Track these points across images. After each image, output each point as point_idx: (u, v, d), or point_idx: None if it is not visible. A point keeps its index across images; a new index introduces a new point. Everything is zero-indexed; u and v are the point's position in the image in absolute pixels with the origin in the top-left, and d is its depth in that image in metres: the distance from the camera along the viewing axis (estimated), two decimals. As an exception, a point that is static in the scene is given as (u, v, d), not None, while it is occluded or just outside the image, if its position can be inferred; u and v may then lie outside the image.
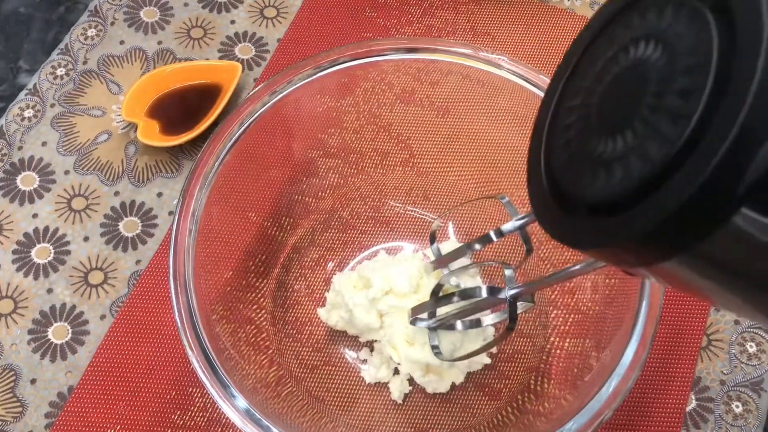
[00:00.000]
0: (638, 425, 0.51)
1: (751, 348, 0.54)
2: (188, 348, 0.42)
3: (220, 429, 0.51)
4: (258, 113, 0.49)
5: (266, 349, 0.51)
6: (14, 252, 0.57)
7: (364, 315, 0.48)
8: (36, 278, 0.56)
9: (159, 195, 0.59)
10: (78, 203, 0.59)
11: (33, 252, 0.57)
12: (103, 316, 0.55)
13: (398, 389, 0.50)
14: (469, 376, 0.51)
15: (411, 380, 0.51)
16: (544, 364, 0.51)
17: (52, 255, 0.57)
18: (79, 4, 1.35)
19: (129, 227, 0.58)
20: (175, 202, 0.55)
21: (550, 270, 0.54)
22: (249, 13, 0.68)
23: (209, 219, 0.47)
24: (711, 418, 0.52)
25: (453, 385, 0.50)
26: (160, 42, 0.67)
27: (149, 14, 0.68)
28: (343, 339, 0.53)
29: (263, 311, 0.53)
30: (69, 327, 0.54)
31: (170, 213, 0.59)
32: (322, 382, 0.52)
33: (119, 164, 0.61)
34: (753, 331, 0.55)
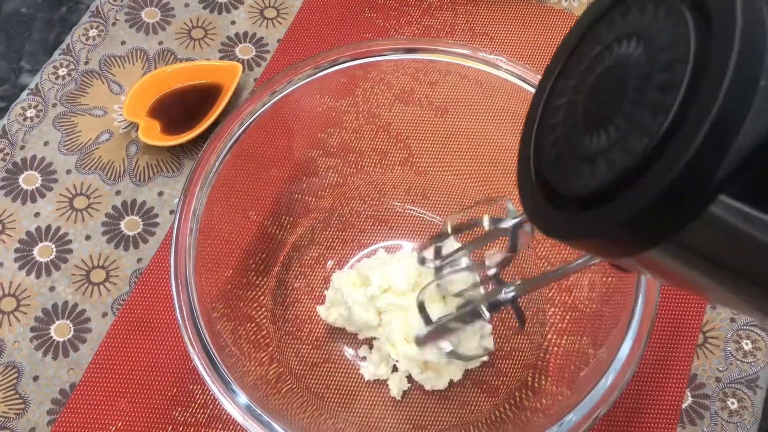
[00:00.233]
0: (634, 422, 0.52)
1: (747, 345, 0.55)
2: (189, 345, 0.43)
3: (221, 425, 0.51)
4: (258, 113, 0.49)
5: (266, 347, 0.52)
6: (16, 250, 0.57)
7: (363, 312, 0.49)
8: (38, 276, 0.56)
9: (160, 194, 0.60)
10: (80, 202, 0.59)
11: (35, 250, 0.57)
12: (105, 314, 0.55)
13: (397, 386, 0.51)
14: (467, 374, 0.52)
15: (410, 377, 0.51)
16: (542, 361, 0.51)
17: (54, 253, 0.57)
18: (81, 5, 1.35)
19: (130, 226, 0.59)
20: (176, 201, 0.55)
21: (548, 268, 0.54)
22: (249, 14, 0.69)
23: (210, 218, 0.47)
24: (707, 415, 0.53)
25: (451, 382, 0.51)
26: (161, 42, 0.67)
27: (150, 15, 0.69)
28: (343, 336, 0.53)
29: (263, 309, 0.53)
30: (71, 325, 0.55)
31: (171, 212, 0.59)
32: (322, 379, 0.52)
33: (120, 164, 0.61)
34: (749, 329, 0.55)
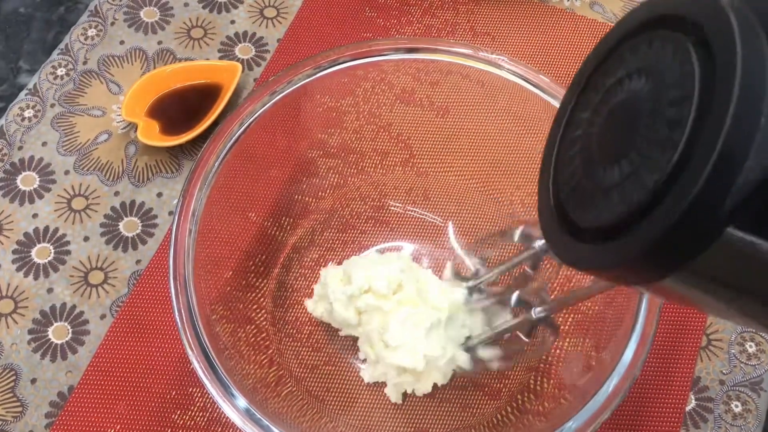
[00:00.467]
0: (638, 424, 0.51)
1: (751, 348, 0.54)
2: (188, 348, 0.42)
3: (220, 428, 0.51)
4: (258, 113, 0.49)
5: (266, 349, 0.51)
6: (14, 252, 0.57)
7: (342, 310, 0.49)
8: (36, 278, 0.56)
9: (159, 195, 0.59)
10: (78, 203, 0.59)
11: (33, 252, 0.57)
12: (104, 316, 0.55)
13: (394, 391, 0.51)
14: (467, 377, 0.51)
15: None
16: (544, 364, 0.51)
17: (53, 255, 0.57)
18: (79, 4, 1.35)
19: (129, 227, 0.58)
20: (175, 202, 0.55)
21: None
22: (249, 13, 0.69)
23: (209, 219, 0.47)
24: (710, 418, 0.52)
25: (436, 386, 0.50)
26: (160, 42, 0.67)
27: (149, 14, 0.68)
28: (343, 338, 0.53)
29: (263, 311, 0.53)
30: (69, 327, 0.54)
31: (170, 213, 0.59)
32: (322, 382, 0.52)
33: (119, 164, 0.61)
34: (752, 332, 0.55)
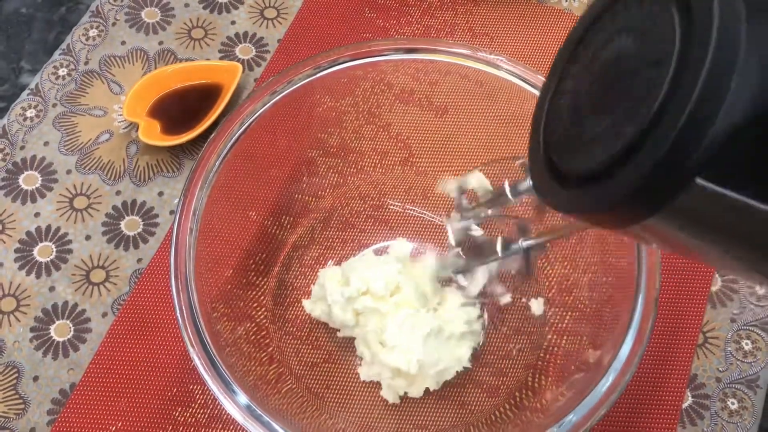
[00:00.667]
0: (635, 422, 0.52)
1: (747, 345, 0.55)
2: (189, 345, 0.43)
3: (221, 425, 0.51)
4: (258, 113, 0.49)
5: (266, 347, 0.52)
6: (16, 251, 0.57)
7: (340, 312, 0.50)
8: (38, 276, 0.56)
9: (160, 194, 0.60)
10: (80, 202, 0.59)
11: (35, 250, 0.57)
12: (105, 314, 0.55)
13: (391, 393, 0.51)
14: (466, 375, 0.52)
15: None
16: (542, 361, 0.51)
17: (54, 253, 0.57)
18: (81, 5, 1.35)
19: (130, 226, 0.58)
20: (176, 201, 0.55)
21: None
22: (249, 14, 0.69)
23: (210, 218, 0.47)
24: (707, 415, 0.53)
25: (428, 391, 0.51)
26: (161, 42, 0.67)
27: (150, 15, 0.69)
28: (343, 336, 0.53)
29: (263, 309, 0.53)
30: (71, 325, 0.55)
31: (171, 212, 0.59)
32: (322, 379, 0.52)
33: (120, 164, 0.61)
34: (749, 329, 0.55)
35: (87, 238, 0.58)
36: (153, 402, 0.52)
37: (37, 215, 0.59)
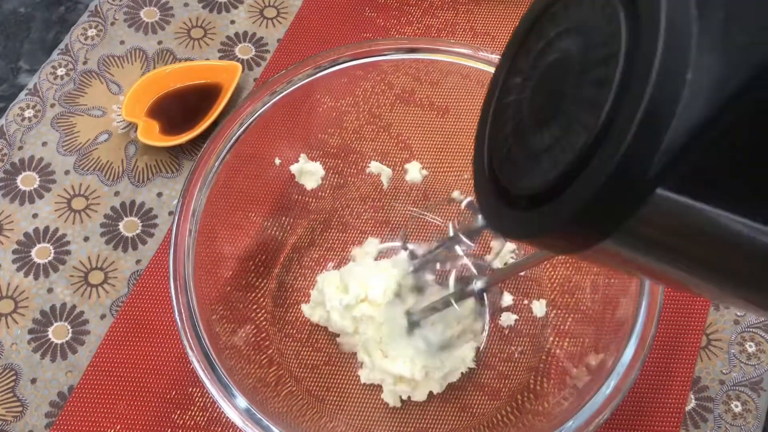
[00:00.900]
0: (638, 424, 0.51)
1: (751, 348, 0.54)
2: (188, 348, 0.42)
3: (220, 428, 0.51)
4: (258, 113, 0.49)
5: (266, 349, 0.51)
6: (14, 252, 0.57)
7: (339, 319, 0.50)
8: (36, 278, 0.56)
9: (159, 195, 0.59)
10: (78, 203, 0.59)
11: (33, 252, 0.57)
12: (104, 316, 0.55)
13: (391, 396, 0.50)
14: (467, 377, 0.51)
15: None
16: (544, 364, 0.51)
17: (53, 255, 0.57)
18: (80, 4, 1.35)
19: (129, 227, 0.58)
20: (175, 202, 0.55)
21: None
22: (249, 14, 0.69)
23: (209, 219, 0.47)
24: (710, 418, 0.52)
25: (431, 394, 0.50)
26: (160, 42, 0.67)
27: (149, 14, 0.68)
28: (342, 343, 0.53)
29: (263, 311, 0.53)
30: (69, 327, 0.54)
31: (170, 213, 0.59)
32: (322, 382, 0.52)
33: (119, 164, 0.61)
34: (752, 331, 0.55)
35: (85, 240, 0.57)
36: (152, 405, 0.51)
37: (35, 216, 0.58)
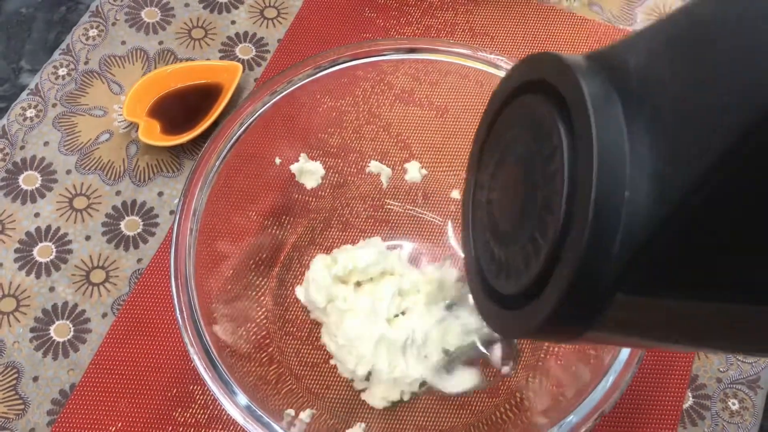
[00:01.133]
0: (635, 422, 0.52)
1: (748, 346, 0.55)
2: (189, 346, 0.43)
3: (221, 426, 0.51)
4: (258, 113, 0.49)
5: (267, 347, 0.52)
6: (16, 251, 0.57)
7: (314, 292, 0.50)
8: (38, 277, 0.56)
9: (160, 194, 0.60)
10: (79, 202, 0.59)
11: (35, 251, 0.57)
12: (105, 315, 0.55)
13: (378, 398, 0.50)
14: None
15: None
16: (542, 362, 0.51)
17: (54, 254, 0.57)
18: (81, 5, 1.35)
19: (130, 226, 0.58)
20: (176, 202, 0.55)
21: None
22: (249, 14, 0.69)
23: (210, 218, 0.47)
24: (708, 416, 0.52)
25: (430, 392, 0.50)
26: (161, 42, 0.67)
27: (150, 15, 0.69)
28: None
29: (264, 309, 0.53)
30: (71, 325, 0.55)
31: (171, 212, 0.59)
32: (322, 380, 0.52)
33: (120, 164, 0.61)
34: (750, 329, 0.55)
35: (87, 239, 0.58)
36: (153, 402, 0.52)
37: (37, 215, 0.59)
